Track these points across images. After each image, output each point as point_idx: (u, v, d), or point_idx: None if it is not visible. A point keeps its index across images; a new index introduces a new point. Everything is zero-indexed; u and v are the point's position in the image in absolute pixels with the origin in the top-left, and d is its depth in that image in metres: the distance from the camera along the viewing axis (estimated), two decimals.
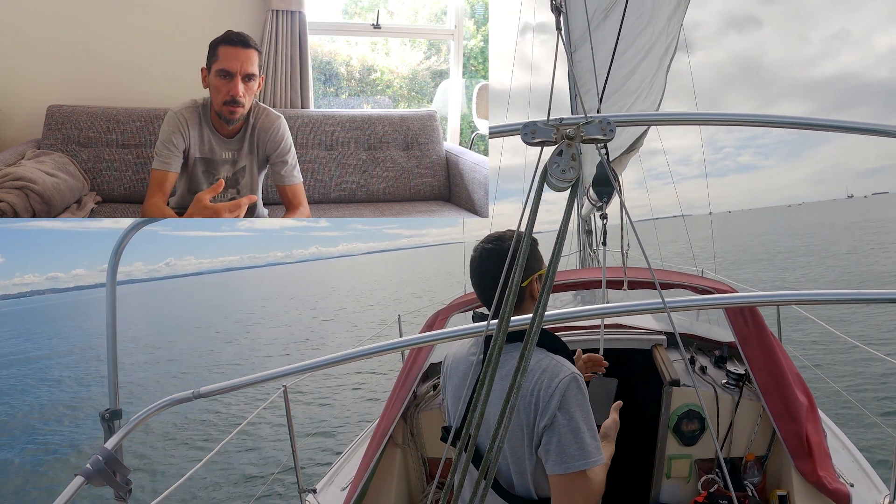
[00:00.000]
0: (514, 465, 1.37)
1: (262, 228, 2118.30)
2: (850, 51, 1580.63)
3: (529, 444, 1.34)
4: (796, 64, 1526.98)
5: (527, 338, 0.81)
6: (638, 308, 1.05)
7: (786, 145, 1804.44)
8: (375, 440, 2.36)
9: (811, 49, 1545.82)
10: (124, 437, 1.12)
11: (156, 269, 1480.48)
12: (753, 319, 2.28)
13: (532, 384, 1.34)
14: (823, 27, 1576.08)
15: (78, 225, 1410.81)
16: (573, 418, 1.30)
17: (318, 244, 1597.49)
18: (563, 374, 1.34)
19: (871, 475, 2.34)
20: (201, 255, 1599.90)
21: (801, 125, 0.85)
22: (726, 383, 2.48)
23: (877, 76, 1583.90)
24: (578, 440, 1.28)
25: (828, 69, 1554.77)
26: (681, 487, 2.44)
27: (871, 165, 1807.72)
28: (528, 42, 28.15)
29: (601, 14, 3.59)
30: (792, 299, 1.12)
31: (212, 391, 1.16)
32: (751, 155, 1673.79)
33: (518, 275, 0.82)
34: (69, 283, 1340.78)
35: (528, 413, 1.33)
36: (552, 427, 1.30)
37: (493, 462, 0.84)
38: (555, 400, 1.30)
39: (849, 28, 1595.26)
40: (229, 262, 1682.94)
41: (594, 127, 0.79)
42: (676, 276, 2.84)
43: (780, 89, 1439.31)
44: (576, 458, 1.27)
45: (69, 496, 0.97)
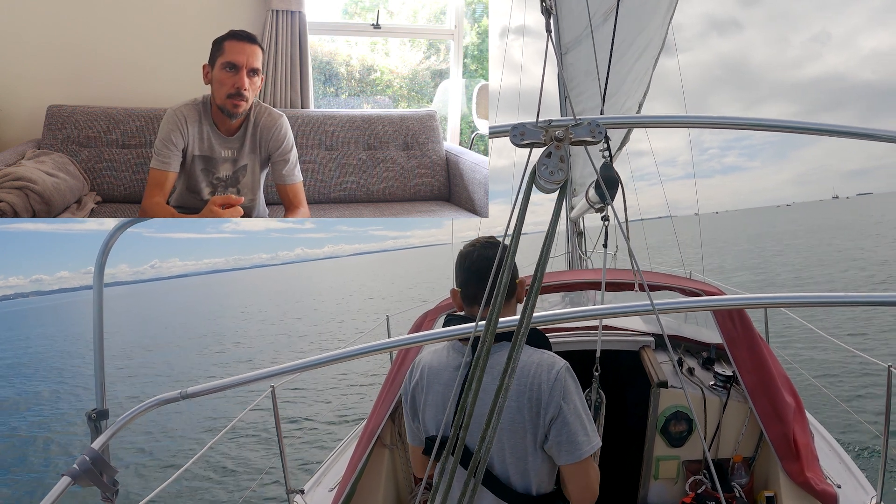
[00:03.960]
0: (514, 465, 1.37)
1: (247, 230, 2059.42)
2: (833, 53, 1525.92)
3: (534, 440, 1.34)
4: (780, 66, 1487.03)
5: (515, 339, 0.81)
6: (626, 310, 1.05)
7: (771, 147, 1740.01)
8: (363, 441, 2.35)
9: (794, 51, 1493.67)
10: (111, 437, 1.12)
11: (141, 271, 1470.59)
12: (741, 321, 2.29)
13: (529, 379, 1.35)
14: (804, 30, 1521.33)
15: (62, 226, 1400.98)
16: (576, 406, 1.34)
17: (303, 246, 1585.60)
18: (558, 365, 1.37)
19: (857, 476, 2.35)
20: (186, 257, 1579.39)
21: (789, 129, 0.85)
22: (714, 385, 2.49)
23: (861, 78, 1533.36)
24: (583, 427, 1.33)
25: (812, 71, 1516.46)
26: (668, 489, 2.45)
27: (856, 167, 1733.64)
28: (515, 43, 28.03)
29: (601, 17, 3.58)
30: (779, 302, 1.12)
31: (199, 391, 1.16)
32: (736, 156, 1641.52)
33: (506, 275, 0.82)
34: (54, 286, 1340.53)
35: (530, 409, 1.34)
36: (559, 418, 1.32)
37: (482, 462, 0.84)
38: (557, 391, 1.32)
39: (829, 31, 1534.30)
40: (214, 265, 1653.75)
41: (583, 129, 0.79)
42: (664, 277, 2.84)
43: (764, 91, 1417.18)
44: (584, 444, 1.32)
45: (56, 496, 0.97)
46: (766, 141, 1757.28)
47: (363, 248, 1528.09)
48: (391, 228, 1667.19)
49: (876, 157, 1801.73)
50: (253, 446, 7.84)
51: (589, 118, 0.79)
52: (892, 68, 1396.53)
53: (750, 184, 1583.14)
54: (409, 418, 1.54)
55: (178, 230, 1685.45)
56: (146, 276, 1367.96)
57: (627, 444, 2.67)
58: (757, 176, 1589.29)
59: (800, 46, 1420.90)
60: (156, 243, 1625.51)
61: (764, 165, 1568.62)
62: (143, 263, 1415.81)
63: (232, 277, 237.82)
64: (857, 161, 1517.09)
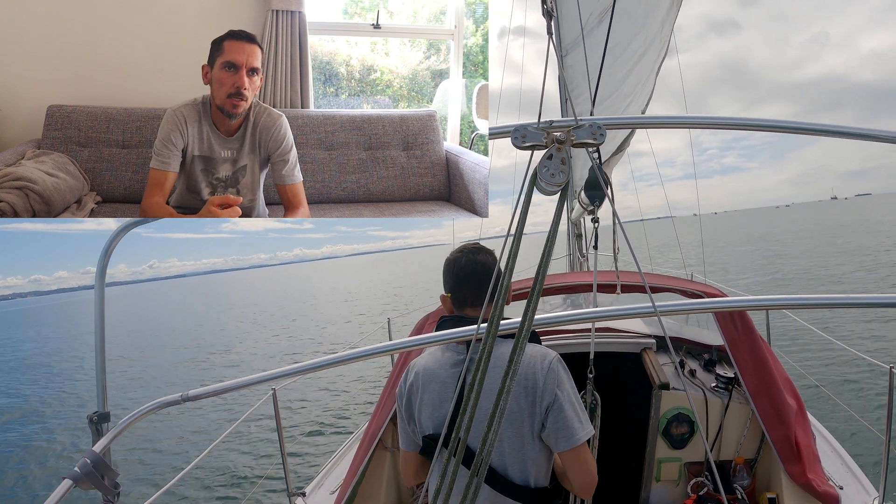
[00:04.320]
0: (512, 456, 1.40)
1: (246, 230, 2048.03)
2: (832, 53, 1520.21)
3: (531, 429, 1.40)
4: (779, 66, 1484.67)
5: (517, 341, 0.81)
6: (628, 312, 1.05)
7: (770, 147, 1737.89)
8: (365, 443, 2.35)
9: (793, 52, 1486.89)
10: (113, 440, 1.11)
11: (139, 271, 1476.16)
12: (743, 323, 2.29)
13: (523, 370, 1.40)
14: (802, 30, 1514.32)
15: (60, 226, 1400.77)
16: (569, 394, 1.41)
17: (302, 246, 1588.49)
18: (550, 355, 1.43)
19: (860, 478, 2.35)
20: (185, 257, 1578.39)
21: (790, 129, 0.84)
22: (715, 387, 2.49)
23: (860, 78, 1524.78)
24: (577, 414, 1.39)
25: (811, 71, 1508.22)
26: (670, 491, 2.45)
27: (854, 167, 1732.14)
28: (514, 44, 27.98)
29: (595, 19, 3.58)
30: (781, 303, 1.11)
31: (200, 394, 1.15)
32: (735, 157, 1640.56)
33: (508, 278, 0.82)
34: (52, 286, 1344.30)
35: (527, 399, 1.39)
36: (555, 405, 1.37)
37: (485, 460, 0.85)
38: (551, 380, 1.39)
39: (828, 31, 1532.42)
40: (213, 265, 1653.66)
41: (584, 131, 0.79)
42: (666, 279, 2.84)
43: (764, 92, 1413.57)
44: (579, 430, 1.38)
45: (57, 499, 0.97)
46: (764, 141, 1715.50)
47: (362, 249, 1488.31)
48: (390, 228, 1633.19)
49: (874, 158, 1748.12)
50: (255, 449, 7.83)
51: (590, 119, 0.79)
52: (892, 68, 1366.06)
53: (749, 184, 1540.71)
54: (403, 422, 1.56)
55: (177, 230, 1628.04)
56: (144, 277, 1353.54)
57: (629, 446, 2.67)
58: (756, 176, 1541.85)
59: (799, 47, 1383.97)
60: (154, 243, 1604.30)
61: (762, 166, 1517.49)
62: (141, 263, 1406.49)
63: (231, 277, 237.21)
64: (856, 162, 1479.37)
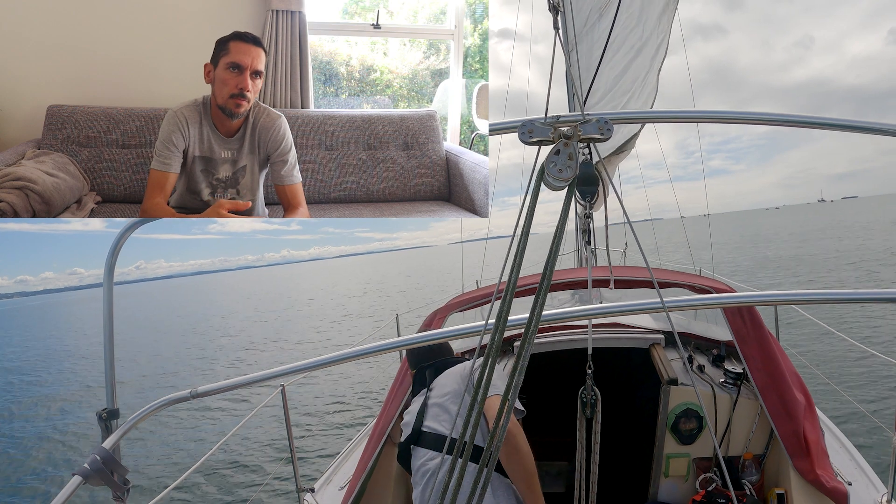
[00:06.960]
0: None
1: (233, 232, 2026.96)
2: (818, 57, 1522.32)
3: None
4: (765, 70, 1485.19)
5: (524, 336, 0.81)
6: (636, 307, 1.05)
7: (757, 150, 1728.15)
8: (373, 439, 2.36)
9: (778, 55, 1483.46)
10: (122, 437, 1.11)
11: (126, 272, 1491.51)
12: (751, 318, 2.29)
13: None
14: (787, 34, 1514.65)
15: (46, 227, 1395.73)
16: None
17: (289, 247, 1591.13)
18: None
19: (869, 474, 2.34)
20: (171, 258, 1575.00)
21: (795, 123, 0.85)
22: (724, 382, 2.49)
23: (846, 82, 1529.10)
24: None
25: (798, 75, 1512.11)
26: (679, 486, 2.45)
27: (841, 170, 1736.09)
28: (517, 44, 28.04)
29: (595, 15, 3.58)
30: (790, 299, 1.12)
31: (209, 391, 1.15)
32: (722, 159, 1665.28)
33: (515, 275, 0.82)
34: (38, 287, 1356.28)
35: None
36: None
37: (493, 455, 0.85)
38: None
39: (813, 35, 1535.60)
40: (200, 266, 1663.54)
41: (592, 126, 0.79)
42: (674, 275, 2.84)
43: (750, 95, 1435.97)
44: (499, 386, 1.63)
45: (67, 496, 0.96)
46: (752, 144, 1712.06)
47: (349, 250, 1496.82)
48: (379, 230, 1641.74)
49: (861, 161, 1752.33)
50: (263, 444, 7.83)
51: (597, 114, 0.79)
52: (877, 72, 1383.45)
53: (735, 187, 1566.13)
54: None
55: (165, 231, 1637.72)
56: (131, 278, 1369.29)
57: (638, 441, 2.67)
58: (742, 179, 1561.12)
59: (783, 51, 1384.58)
60: (141, 244, 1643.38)
61: (749, 168, 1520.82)
62: (128, 265, 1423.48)
63: (217, 279, 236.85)
64: (843, 164, 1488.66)
